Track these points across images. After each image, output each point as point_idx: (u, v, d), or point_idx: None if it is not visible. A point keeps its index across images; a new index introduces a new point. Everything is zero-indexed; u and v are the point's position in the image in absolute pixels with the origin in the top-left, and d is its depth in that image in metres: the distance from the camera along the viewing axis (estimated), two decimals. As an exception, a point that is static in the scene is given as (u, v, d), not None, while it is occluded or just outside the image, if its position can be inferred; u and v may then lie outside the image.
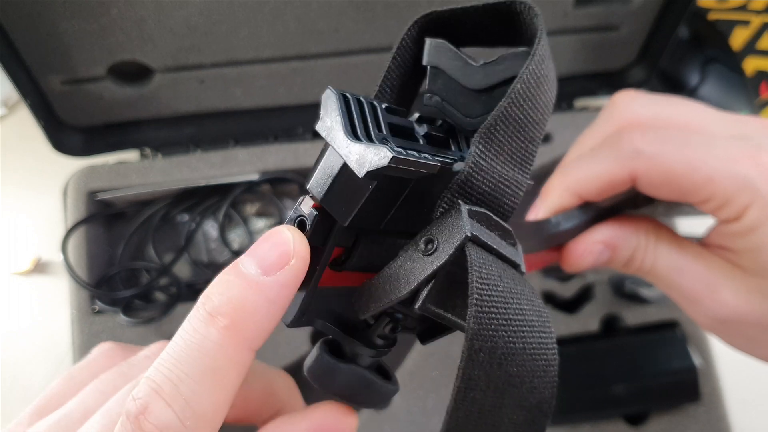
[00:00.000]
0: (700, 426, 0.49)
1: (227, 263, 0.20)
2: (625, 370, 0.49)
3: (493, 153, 0.20)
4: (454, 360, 0.50)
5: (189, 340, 0.18)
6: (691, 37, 0.64)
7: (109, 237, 0.54)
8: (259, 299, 0.18)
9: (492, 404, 0.18)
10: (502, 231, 0.20)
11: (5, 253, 0.57)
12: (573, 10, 0.52)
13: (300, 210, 0.19)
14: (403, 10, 0.49)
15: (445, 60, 0.21)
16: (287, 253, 0.18)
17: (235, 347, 0.18)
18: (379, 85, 0.23)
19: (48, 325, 0.55)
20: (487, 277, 0.18)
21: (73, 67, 0.48)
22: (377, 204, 0.19)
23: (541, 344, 0.19)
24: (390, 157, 0.16)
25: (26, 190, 0.60)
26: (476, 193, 0.20)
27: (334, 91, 0.18)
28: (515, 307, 0.18)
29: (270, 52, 0.51)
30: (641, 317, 0.51)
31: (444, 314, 0.19)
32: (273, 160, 0.53)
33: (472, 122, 0.21)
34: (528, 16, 0.21)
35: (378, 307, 0.20)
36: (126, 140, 0.55)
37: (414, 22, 0.22)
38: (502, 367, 0.18)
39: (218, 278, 0.19)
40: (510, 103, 0.19)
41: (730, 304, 0.28)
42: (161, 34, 0.48)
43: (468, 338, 0.17)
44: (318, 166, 0.18)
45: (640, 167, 0.28)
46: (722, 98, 0.62)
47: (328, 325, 0.21)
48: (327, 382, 0.21)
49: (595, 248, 0.31)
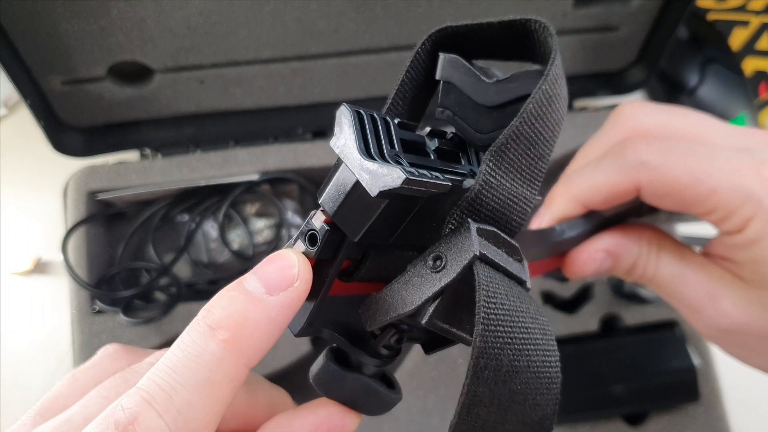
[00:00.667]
0: (699, 426, 0.49)
1: (227, 263, 0.20)
2: (625, 370, 0.49)
3: (504, 170, 0.20)
4: (454, 360, 0.50)
5: (187, 351, 0.18)
6: (691, 38, 0.64)
7: (109, 237, 0.55)
8: (261, 317, 0.19)
9: (495, 420, 0.18)
10: (509, 248, 0.20)
11: (5, 253, 0.58)
12: (572, 11, 0.52)
13: (312, 224, 0.20)
14: (403, 11, 0.49)
15: (458, 75, 0.21)
16: (292, 275, 0.19)
17: (233, 362, 0.18)
18: (392, 98, 0.23)
19: (48, 325, 0.55)
20: (494, 295, 0.18)
21: (73, 68, 0.49)
22: (388, 220, 0.19)
23: (544, 362, 0.19)
24: (403, 178, 0.17)
25: (26, 190, 0.60)
26: (485, 209, 0.20)
27: (348, 108, 0.18)
28: (520, 325, 0.18)
29: (270, 52, 0.51)
30: (640, 317, 0.52)
31: (450, 329, 0.20)
32: (273, 160, 0.54)
33: (482, 137, 0.21)
34: (542, 34, 0.21)
35: (385, 320, 0.20)
36: (126, 140, 0.55)
37: (428, 36, 0.23)
38: (506, 385, 0.18)
39: (221, 293, 0.19)
40: (522, 122, 0.20)
41: (731, 314, 0.29)
42: (161, 34, 0.48)
43: (474, 356, 0.17)
44: (331, 181, 0.19)
45: (645, 178, 0.28)
46: (721, 98, 0.62)
47: (335, 335, 0.21)
48: (332, 389, 0.22)
49: (598, 256, 0.32)
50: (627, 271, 0.32)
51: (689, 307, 0.30)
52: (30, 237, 0.58)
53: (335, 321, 0.21)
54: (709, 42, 0.64)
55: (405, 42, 0.52)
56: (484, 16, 0.22)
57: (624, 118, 0.32)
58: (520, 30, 0.22)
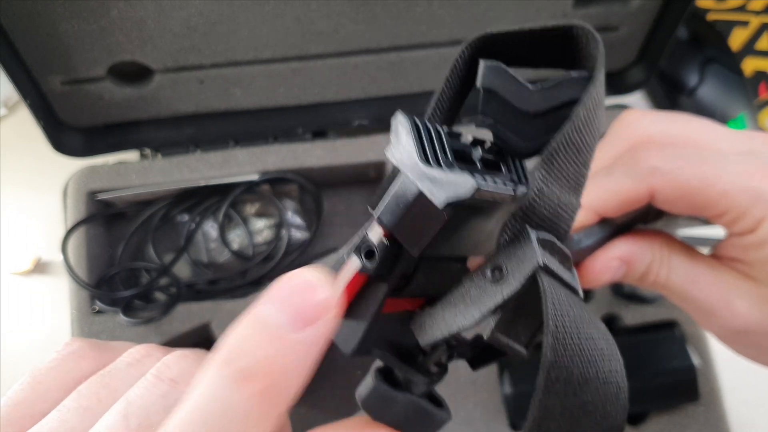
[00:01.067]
0: (699, 426, 0.49)
1: (227, 263, 0.19)
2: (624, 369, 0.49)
3: (554, 178, 0.20)
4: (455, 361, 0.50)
5: (211, 407, 0.16)
6: (690, 38, 0.64)
7: (109, 237, 0.55)
8: (294, 359, 0.16)
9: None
10: (562, 255, 0.20)
11: (5, 253, 0.58)
12: (572, 11, 0.52)
13: (368, 239, 0.19)
14: (403, 11, 0.49)
15: (499, 82, 0.20)
16: (325, 302, 0.16)
17: (266, 414, 0.16)
18: (432, 108, 0.22)
19: (48, 325, 0.55)
20: (559, 306, 0.18)
21: (73, 68, 0.49)
22: (446, 232, 0.18)
23: (611, 371, 0.19)
24: (475, 187, 0.16)
25: (26, 190, 0.60)
26: (537, 218, 0.20)
27: (405, 116, 0.18)
28: (586, 334, 0.18)
29: (270, 52, 0.51)
30: (640, 317, 0.52)
31: (508, 343, 0.19)
32: (273, 160, 0.53)
33: (526, 146, 0.21)
34: (586, 40, 0.21)
35: (442, 334, 0.19)
36: (126, 140, 0.55)
37: (468, 44, 0.22)
38: (577, 396, 0.18)
39: (239, 332, 0.16)
40: (572, 128, 0.19)
41: (745, 314, 0.29)
42: (161, 34, 0.48)
43: (545, 369, 0.17)
44: (388, 193, 0.18)
45: (658, 183, 0.29)
46: (721, 99, 0.62)
47: (385, 353, 0.20)
48: (383, 412, 0.21)
49: (613, 264, 0.32)
50: (640, 277, 0.32)
51: (703, 310, 0.31)
52: (30, 237, 0.58)
53: (383, 339, 0.20)
54: (708, 42, 0.64)
55: (405, 42, 0.52)
56: (484, 16, 0.22)
57: (629, 126, 0.32)
58: (563, 36, 0.21)
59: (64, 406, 0.19)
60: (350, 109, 0.56)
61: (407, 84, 0.56)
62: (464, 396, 0.50)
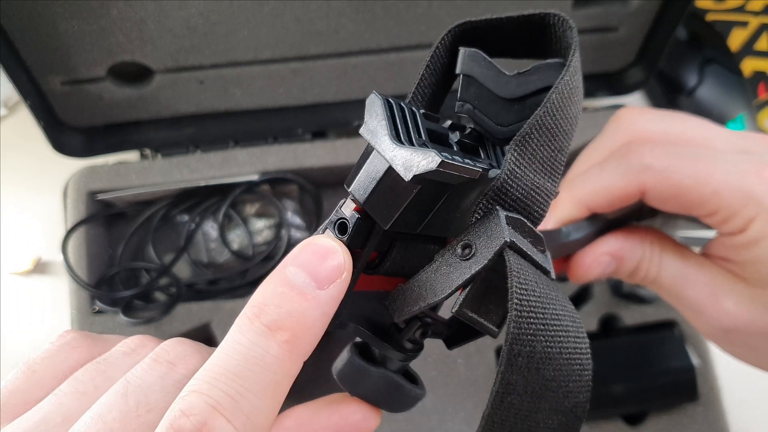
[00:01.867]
0: (698, 426, 0.49)
1: (227, 263, 0.20)
2: (624, 369, 0.49)
3: (527, 161, 0.20)
4: (453, 360, 0.50)
5: (247, 355, 0.18)
6: (690, 38, 0.64)
7: (109, 237, 0.55)
8: (317, 313, 0.18)
9: (528, 408, 0.18)
10: (534, 238, 0.20)
11: (5, 253, 0.58)
12: (571, 11, 0.52)
13: (341, 212, 0.19)
14: (403, 11, 0.49)
15: (478, 69, 0.21)
16: (339, 265, 0.19)
17: (293, 360, 0.18)
18: (412, 92, 0.23)
19: (48, 325, 0.55)
20: (525, 282, 0.18)
21: (73, 68, 0.49)
22: (416, 209, 0.19)
23: (576, 349, 0.19)
24: (438, 161, 0.16)
25: (26, 190, 0.60)
26: (510, 199, 0.20)
27: (378, 95, 0.18)
28: (552, 312, 0.18)
29: (269, 53, 0.51)
30: (639, 317, 0.52)
31: (478, 319, 0.19)
32: (272, 160, 0.54)
33: (503, 130, 0.22)
34: (561, 28, 0.21)
35: (414, 310, 0.20)
36: (126, 141, 0.55)
37: (448, 31, 0.23)
38: (539, 372, 0.18)
39: (268, 289, 0.19)
40: (545, 112, 0.20)
41: (733, 313, 0.29)
42: (161, 34, 0.48)
43: (508, 342, 0.17)
44: (361, 168, 0.19)
45: (649, 181, 0.29)
46: (720, 99, 0.63)
47: (360, 328, 0.21)
48: (357, 385, 0.22)
49: (603, 259, 0.32)
50: (630, 273, 0.32)
51: (691, 308, 0.31)
52: (30, 237, 0.58)
53: (359, 315, 0.21)
54: (708, 42, 0.64)
55: (405, 42, 0.52)
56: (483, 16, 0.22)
57: (625, 122, 0.32)
58: (540, 24, 0.22)
59: (61, 391, 0.20)
60: (350, 110, 0.56)
61: (407, 84, 0.56)
62: (464, 396, 0.50)
